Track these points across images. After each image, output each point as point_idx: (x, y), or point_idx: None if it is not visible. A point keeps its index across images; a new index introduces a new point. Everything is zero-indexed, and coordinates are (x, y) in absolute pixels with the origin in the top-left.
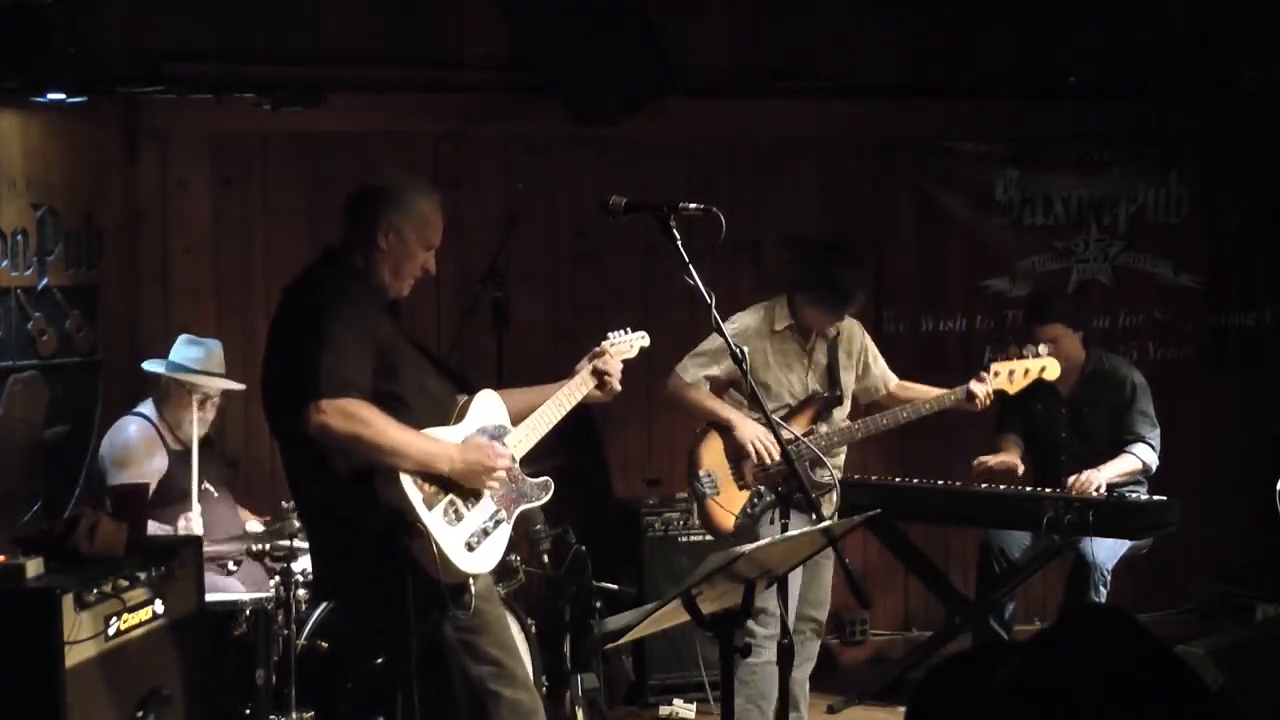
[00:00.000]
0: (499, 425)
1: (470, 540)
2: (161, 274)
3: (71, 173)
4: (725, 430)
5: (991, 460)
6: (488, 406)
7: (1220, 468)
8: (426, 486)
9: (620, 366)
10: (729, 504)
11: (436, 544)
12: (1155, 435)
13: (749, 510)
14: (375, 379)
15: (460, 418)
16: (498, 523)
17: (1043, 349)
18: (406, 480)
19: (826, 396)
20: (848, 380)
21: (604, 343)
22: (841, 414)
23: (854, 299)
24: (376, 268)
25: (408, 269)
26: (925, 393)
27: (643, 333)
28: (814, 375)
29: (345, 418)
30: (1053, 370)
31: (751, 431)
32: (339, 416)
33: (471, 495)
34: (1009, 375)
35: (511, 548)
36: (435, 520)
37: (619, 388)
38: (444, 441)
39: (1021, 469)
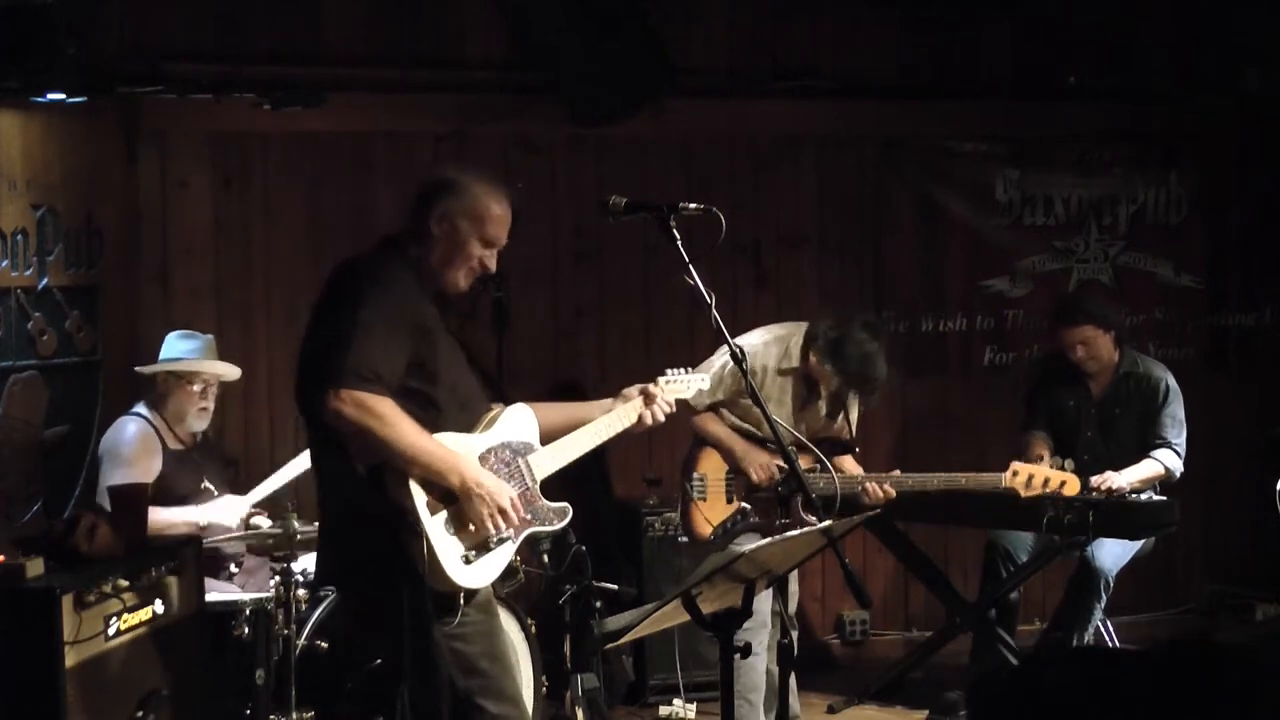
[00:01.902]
0: (525, 442)
1: (468, 553)
2: (161, 274)
3: (71, 173)
4: (730, 456)
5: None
6: (518, 421)
7: (1220, 468)
8: (434, 491)
9: (671, 407)
10: (711, 514)
11: (431, 550)
12: (1182, 440)
13: (728, 526)
14: (408, 375)
15: (488, 427)
16: (501, 541)
17: (1069, 463)
18: (414, 481)
19: (843, 442)
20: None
21: (660, 378)
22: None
23: (872, 393)
24: (428, 256)
25: (459, 259)
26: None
27: (704, 376)
28: (803, 422)
29: (362, 410)
30: (1072, 487)
31: (758, 459)
32: (355, 407)
33: None
34: (1027, 480)
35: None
36: (435, 526)
37: (651, 423)
38: (459, 456)
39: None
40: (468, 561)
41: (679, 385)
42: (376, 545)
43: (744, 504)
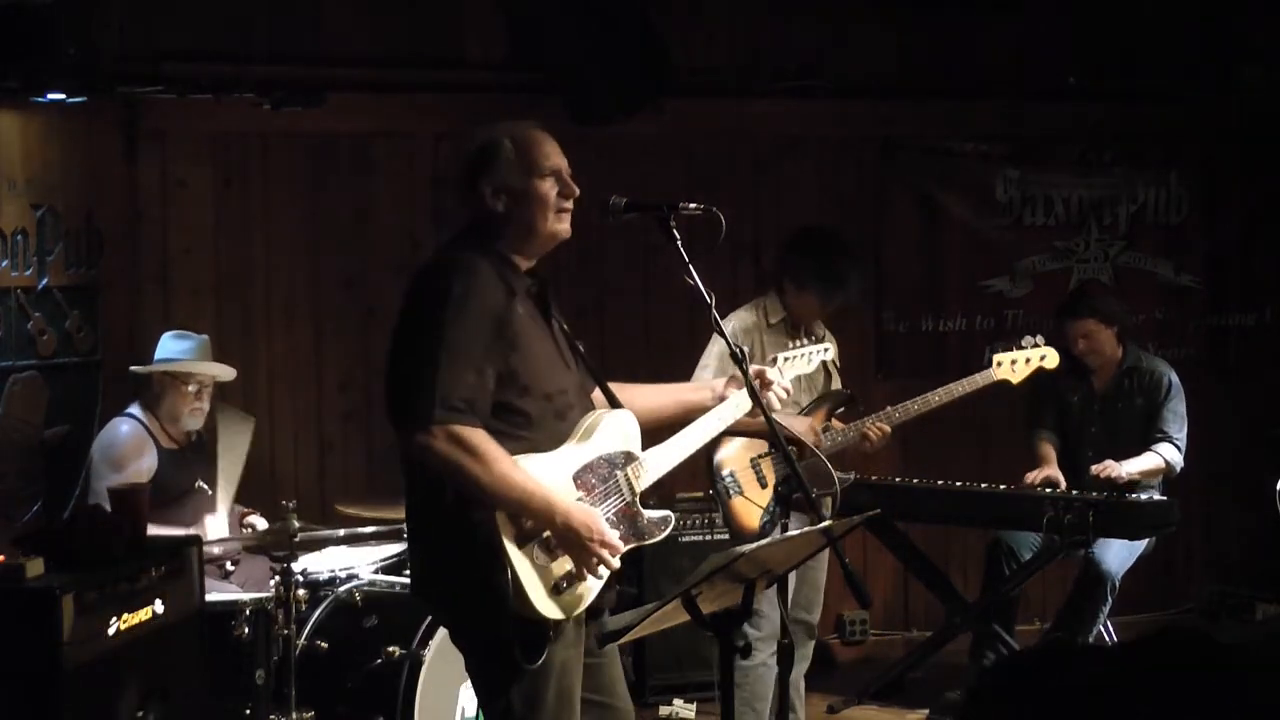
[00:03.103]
0: (625, 452)
1: (560, 582)
2: (161, 274)
3: (71, 173)
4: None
5: (1037, 478)
6: (618, 429)
7: (1220, 468)
8: (525, 522)
9: (790, 391)
10: (755, 501)
11: (518, 580)
12: (1183, 436)
13: (772, 509)
14: (498, 389)
15: (584, 438)
16: None
17: (1039, 338)
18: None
19: (838, 393)
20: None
21: (779, 356)
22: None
23: (847, 286)
24: (509, 233)
25: (539, 211)
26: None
27: (826, 345)
28: (806, 374)
29: (454, 445)
30: (1052, 359)
31: (799, 425)
32: (446, 441)
33: None
34: (1011, 365)
35: None
36: (522, 560)
37: (778, 406)
38: (551, 494)
39: (1064, 484)
40: (559, 590)
41: (799, 361)
42: (462, 571)
43: (779, 484)
